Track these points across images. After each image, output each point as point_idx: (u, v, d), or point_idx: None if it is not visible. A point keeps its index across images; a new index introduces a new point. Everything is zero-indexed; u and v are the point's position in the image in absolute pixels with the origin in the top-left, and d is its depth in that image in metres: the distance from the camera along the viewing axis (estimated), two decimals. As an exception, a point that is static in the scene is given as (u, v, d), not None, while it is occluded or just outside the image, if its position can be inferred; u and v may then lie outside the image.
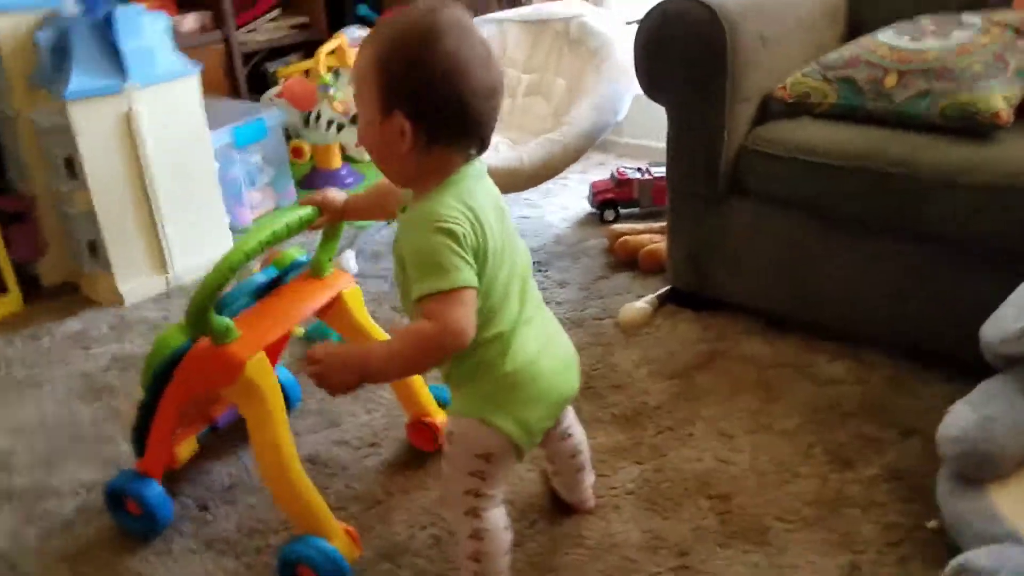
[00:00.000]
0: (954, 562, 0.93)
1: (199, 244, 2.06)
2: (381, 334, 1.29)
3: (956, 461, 1.04)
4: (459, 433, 0.93)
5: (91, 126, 1.80)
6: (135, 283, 1.98)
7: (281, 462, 1.06)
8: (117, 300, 1.96)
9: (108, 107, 1.82)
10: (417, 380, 1.31)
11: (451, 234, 0.82)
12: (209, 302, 0.99)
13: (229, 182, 2.21)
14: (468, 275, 0.82)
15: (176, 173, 1.98)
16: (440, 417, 1.32)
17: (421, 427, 1.32)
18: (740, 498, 1.20)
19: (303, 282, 1.21)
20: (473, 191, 0.88)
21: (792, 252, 1.56)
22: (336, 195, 1.13)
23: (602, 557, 1.10)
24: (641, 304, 1.78)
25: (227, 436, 1.41)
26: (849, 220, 1.46)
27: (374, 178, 2.66)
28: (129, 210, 1.92)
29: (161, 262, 2.02)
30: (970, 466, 1.03)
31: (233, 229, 2.20)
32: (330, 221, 1.14)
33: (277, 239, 1.05)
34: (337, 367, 0.84)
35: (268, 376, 1.06)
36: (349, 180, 2.69)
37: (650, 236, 2.09)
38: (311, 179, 2.66)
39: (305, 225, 1.10)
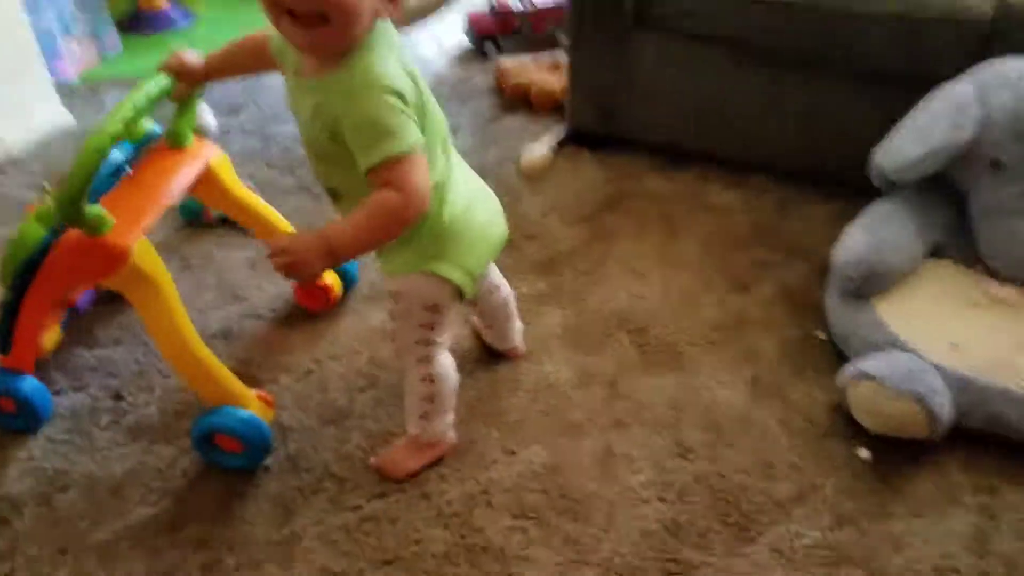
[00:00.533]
0: (850, 368, 1.08)
1: (25, 108, 1.84)
2: (260, 203, 1.24)
3: (852, 280, 1.17)
4: (406, 290, 0.96)
5: None
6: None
7: (182, 342, 1.03)
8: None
9: None
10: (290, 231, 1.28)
11: (398, 93, 0.80)
12: (81, 193, 0.92)
13: (42, 34, 1.95)
14: (417, 135, 0.81)
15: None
16: (329, 278, 1.31)
17: (311, 289, 1.31)
18: (655, 329, 1.30)
19: (164, 154, 1.12)
20: (397, 45, 0.85)
21: (698, 85, 1.61)
22: (192, 57, 1.03)
23: (540, 397, 1.18)
24: (539, 146, 1.78)
25: (123, 320, 1.33)
26: (757, 52, 1.51)
27: (206, 17, 2.43)
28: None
29: (-16, 137, 1.78)
30: (864, 284, 1.17)
31: (59, 88, 1.97)
32: (190, 86, 1.06)
33: (140, 115, 0.97)
34: (307, 255, 0.81)
35: (154, 261, 1.02)
36: (182, 23, 2.42)
37: (540, 74, 2.05)
38: (136, 22, 2.38)
39: (165, 94, 1.02)
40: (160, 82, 1.00)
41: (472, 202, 0.96)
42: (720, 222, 1.55)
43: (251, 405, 1.07)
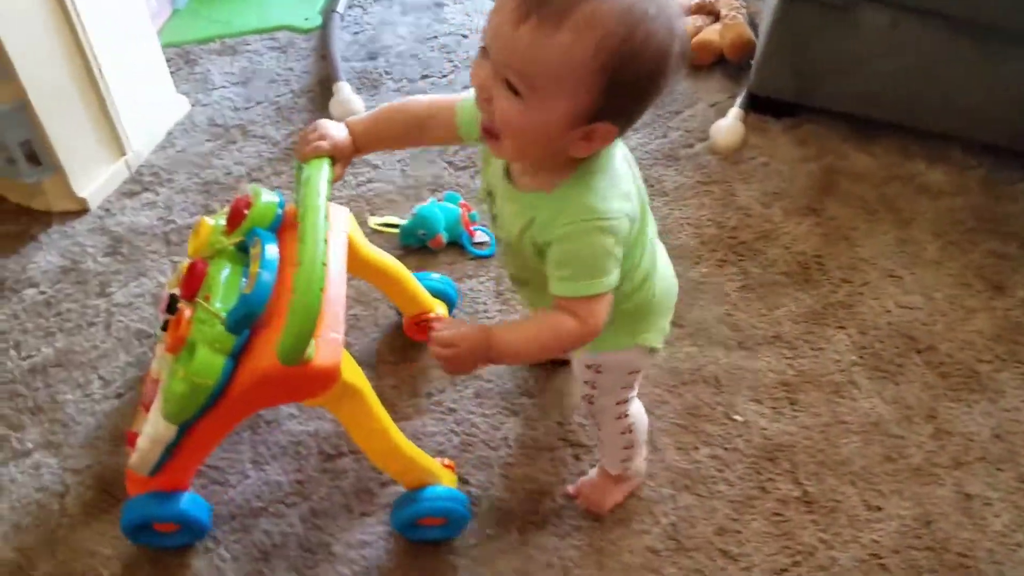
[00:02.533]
0: None
1: (145, 98, 1.56)
2: (389, 262, 1.16)
3: None
4: (611, 363, 0.96)
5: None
6: (93, 180, 1.48)
7: (388, 443, 1.00)
8: (78, 207, 1.48)
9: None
10: (409, 279, 1.20)
11: (613, 232, 0.77)
12: (309, 340, 0.83)
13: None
14: (616, 276, 0.79)
15: (110, 24, 1.43)
16: (440, 308, 1.25)
17: (421, 324, 1.24)
18: (942, 346, 1.32)
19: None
20: (621, 167, 0.80)
21: (911, 55, 1.54)
22: (337, 132, 0.89)
23: (872, 439, 1.21)
24: (731, 121, 1.68)
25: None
26: (991, 27, 1.45)
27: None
28: (69, 87, 1.39)
29: (116, 143, 1.51)
30: None
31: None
32: (344, 167, 0.92)
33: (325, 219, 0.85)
34: (468, 355, 0.79)
35: (355, 371, 0.95)
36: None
37: (692, 21, 1.89)
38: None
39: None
40: (326, 174, 0.87)
41: (668, 270, 0.96)
42: (940, 206, 1.55)
43: (444, 479, 1.07)
